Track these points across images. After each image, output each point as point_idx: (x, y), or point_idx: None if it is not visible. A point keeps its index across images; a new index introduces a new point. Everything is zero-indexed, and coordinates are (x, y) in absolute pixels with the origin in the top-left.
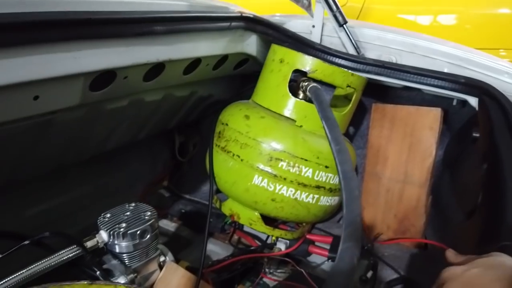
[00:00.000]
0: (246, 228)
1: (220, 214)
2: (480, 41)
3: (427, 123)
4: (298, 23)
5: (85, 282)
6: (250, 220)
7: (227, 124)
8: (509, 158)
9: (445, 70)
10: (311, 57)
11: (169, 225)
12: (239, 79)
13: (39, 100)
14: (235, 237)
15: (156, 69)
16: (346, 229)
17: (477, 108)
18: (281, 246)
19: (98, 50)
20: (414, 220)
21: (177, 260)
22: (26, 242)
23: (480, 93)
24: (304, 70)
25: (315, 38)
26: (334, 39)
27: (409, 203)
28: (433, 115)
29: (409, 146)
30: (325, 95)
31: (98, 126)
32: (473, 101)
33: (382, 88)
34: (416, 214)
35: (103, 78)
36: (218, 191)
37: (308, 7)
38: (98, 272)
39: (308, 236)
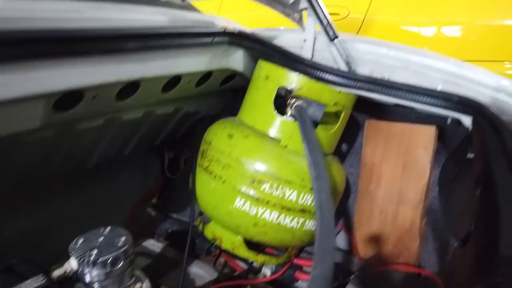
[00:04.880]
0: None
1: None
2: (485, 53)
3: (421, 141)
4: (290, 37)
5: None
6: (232, 244)
7: (210, 143)
8: (503, 185)
9: (440, 87)
10: (297, 73)
11: (155, 245)
12: (231, 93)
13: None
14: (221, 259)
15: (130, 87)
16: (315, 269)
17: (471, 128)
18: (267, 271)
19: (59, 69)
20: (408, 243)
21: (157, 285)
22: None
23: (474, 113)
24: (290, 87)
25: (306, 52)
26: (326, 53)
27: (403, 225)
28: (428, 133)
29: (403, 165)
30: (310, 115)
31: (72, 145)
32: (467, 120)
33: (376, 103)
34: (410, 237)
35: (69, 98)
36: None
37: (299, 21)
38: None
39: (295, 261)
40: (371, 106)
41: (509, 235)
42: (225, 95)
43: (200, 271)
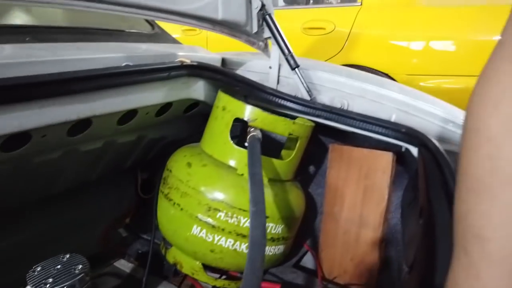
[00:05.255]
0: None
1: None
2: (475, 68)
3: (380, 166)
4: (258, 63)
5: None
6: (192, 269)
7: (171, 171)
8: (441, 218)
9: (394, 116)
10: (250, 106)
11: (125, 265)
12: (201, 117)
13: None
14: (188, 282)
15: (82, 124)
16: None
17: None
18: None
19: (4, 114)
20: (369, 265)
21: None
22: None
23: (419, 145)
24: (245, 119)
25: (272, 79)
26: (291, 80)
27: (364, 246)
28: (386, 159)
29: (364, 189)
30: (259, 151)
31: (33, 175)
32: (415, 151)
33: (339, 129)
34: (370, 259)
35: (16, 139)
36: None
37: (264, 49)
38: None
39: None
40: (336, 131)
41: (443, 267)
42: (193, 120)
43: None
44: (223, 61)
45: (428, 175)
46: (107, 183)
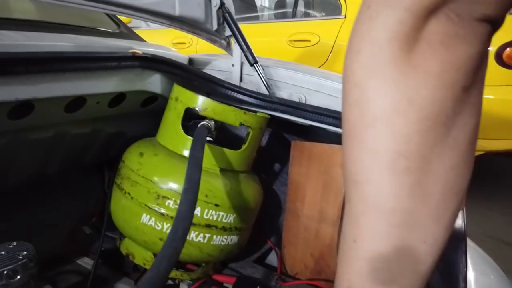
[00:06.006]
0: None
1: None
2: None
3: (338, 161)
4: (223, 62)
5: None
6: (144, 260)
7: (124, 162)
8: None
9: None
10: (201, 96)
11: (88, 263)
12: (159, 115)
13: None
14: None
15: (24, 107)
16: (150, 271)
17: None
18: (184, 287)
19: None
20: (328, 260)
21: None
22: None
23: None
24: (196, 108)
25: (234, 76)
26: (253, 77)
27: (324, 242)
28: None
29: (323, 184)
30: (204, 137)
31: None
32: None
33: (300, 125)
34: (330, 254)
35: None
36: None
37: (227, 47)
38: None
39: (214, 277)
40: (297, 128)
41: None
42: (152, 117)
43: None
44: (190, 60)
45: None
46: (73, 181)
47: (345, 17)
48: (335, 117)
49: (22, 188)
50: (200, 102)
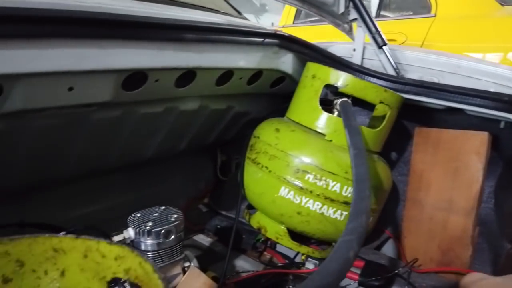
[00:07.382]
0: (278, 247)
1: (252, 231)
2: None
3: (473, 147)
4: (340, 47)
5: (73, 236)
6: (276, 234)
7: (258, 137)
8: None
9: (492, 90)
10: (342, 72)
11: (204, 239)
12: (279, 99)
13: (73, 91)
14: (267, 256)
15: (188, 76)
16: (350, 224)
17: None
18: (310, 266)
19: (129, 50)
20: (459, 252)
21: (204, 270)
22: (63, 233)
23: None
24: (336, 85)
25: (355, 60)
26: (375, 62)
27: (454, 233)
28: (480, 139)
29: (454, 171)
30: (353, 110)
31: (134, 130)
32: None
33: (426, 112)
34: (461, 245)
35: (135, 79)
36: (250, 207)
37: (349, 31)
38: None
39: None
40: (421, 115)
41: None
42: (274, 99)
43: (246, 264)
44: None
45: None
46: (187, 165)
47: (435, 16)
48: (482, 96)
49: (153, 162)
50: (341, 78)
